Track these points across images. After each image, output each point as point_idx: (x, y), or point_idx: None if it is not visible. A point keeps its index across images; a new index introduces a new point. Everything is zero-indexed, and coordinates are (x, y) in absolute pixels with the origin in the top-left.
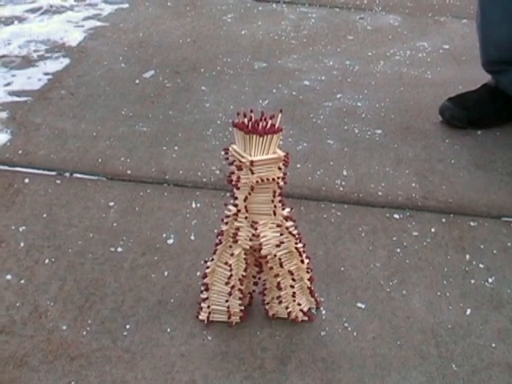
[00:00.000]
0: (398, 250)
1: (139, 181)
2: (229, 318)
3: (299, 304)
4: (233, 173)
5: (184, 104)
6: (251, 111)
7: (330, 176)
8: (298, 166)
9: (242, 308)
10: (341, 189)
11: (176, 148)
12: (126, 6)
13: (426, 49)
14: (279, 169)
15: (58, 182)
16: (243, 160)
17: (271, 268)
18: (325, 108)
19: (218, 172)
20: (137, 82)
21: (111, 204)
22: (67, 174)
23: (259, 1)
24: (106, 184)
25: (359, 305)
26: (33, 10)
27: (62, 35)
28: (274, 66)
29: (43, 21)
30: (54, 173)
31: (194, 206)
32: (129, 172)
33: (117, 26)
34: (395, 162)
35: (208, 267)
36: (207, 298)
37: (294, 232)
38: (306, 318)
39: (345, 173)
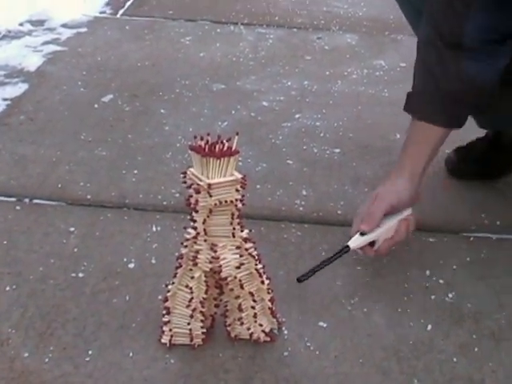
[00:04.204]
0: (359, 267)
1: (99, 205)
2: (191, 340)
3: (261, 325)
4: (191, 196)
5: (143, 127)
6: (208, 134)
7: (290, 196)
8: (258, 186)
9: (204, 330)
10: (300, 209)
11: (135, 172)
12: (84, 30)
13: (383, 67)
14: (237, 191)
15: (18, 208)
16: (201, 183)
17: (232, 290)
18: (283, 128)
19: (177, 195)
20: (96, 106)
21: (71, 229)
22: (27, 200)
23: (217, 23)
24: (66, 209)
25: (321, 324)
26: None
27: (21, 60)
28: (233, 88)
29: (1, 46)
30: (13, 199)
31: (154, 229)
32: (89, 197)
33: (75, 50)
34: (354, 180)
35: (169, 291)
36: (169, 322)
37: (254, 253)
38: (268, 339)
39: (304, 193)
